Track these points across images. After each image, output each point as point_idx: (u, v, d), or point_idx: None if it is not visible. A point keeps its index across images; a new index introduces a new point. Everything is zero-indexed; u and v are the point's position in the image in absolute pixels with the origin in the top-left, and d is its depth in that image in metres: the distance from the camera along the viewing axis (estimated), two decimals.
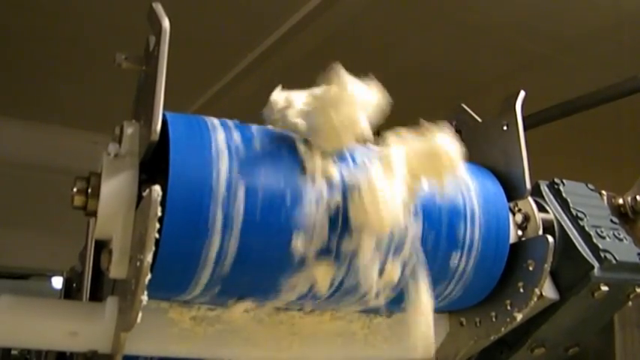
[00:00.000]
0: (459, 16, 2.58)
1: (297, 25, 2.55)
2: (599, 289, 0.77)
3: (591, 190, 0.87)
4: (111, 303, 0.68)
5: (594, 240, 0.78)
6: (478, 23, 2.62)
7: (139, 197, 0.62)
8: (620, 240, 0.80)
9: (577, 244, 0.78)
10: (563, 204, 0.83)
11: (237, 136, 0.65)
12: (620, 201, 0.87)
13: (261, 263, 0.64)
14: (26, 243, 3.77)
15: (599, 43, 2.71)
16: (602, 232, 0.80)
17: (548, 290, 0.77)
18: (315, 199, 0.65)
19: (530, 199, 0.79)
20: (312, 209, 0.64)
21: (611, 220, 0.83)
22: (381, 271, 0.69)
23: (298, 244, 0.64)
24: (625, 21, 2.55)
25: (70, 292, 1.36)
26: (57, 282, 3.74)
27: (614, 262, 0.76)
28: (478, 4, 2.50)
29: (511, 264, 0.76)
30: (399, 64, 2.91)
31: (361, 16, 2.55)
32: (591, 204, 0.84)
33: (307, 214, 0.64)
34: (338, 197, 0.66)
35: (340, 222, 0.66)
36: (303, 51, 2.72)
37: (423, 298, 0.70)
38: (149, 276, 0.56)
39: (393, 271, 0.69)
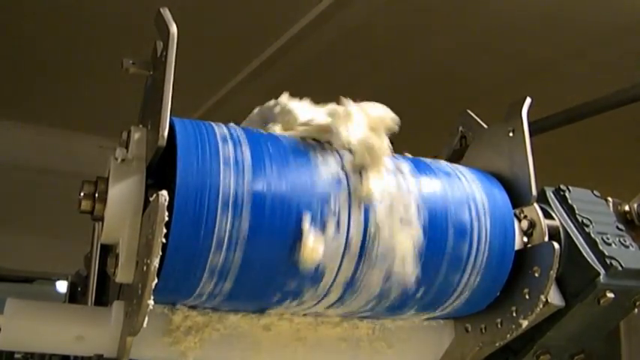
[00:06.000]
0: (465, 21, 2.58)
1: (305, 28, 2.55)
2: (605, 295, 0.76)
3: (597, 196, 0.87)
4: (117, 307, 0.68)
5: (600, 247, 0.78)
6: (485, 29, 2.62)
7: (146, 202, 0.62)
8: (626, 247, 0.80)
9: (583, 250, 0.78)
10: (569, 210, 0.82)
11: (244, 141, 0.65)
12: (626, 208, 0.86)
13: (267, 268, 0.64)
14: (31, 246, 3.77)
15: (604, 49, 2.71)
16: (608, 238, 0.80)
17: (553, 297, 0.76)
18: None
19: (536, 205, 0.79)
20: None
21: (617, 227, 0.83)
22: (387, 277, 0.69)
23: (305, 250, 0.64)
24: (629, 28, 2.55)
25: (74, 296, 1.36)
26: (61, 286, 3.75)
27: (620, 268, 0.76)
28: (485, 11, 2.50)
29: (517, 270, 0.76)
30: (406, 70, 2.91)
31: (369, 21, 2.55)
32: (597, 211, 0.84)
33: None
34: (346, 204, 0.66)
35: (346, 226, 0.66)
36: (310, 55, 2.73)
37: None
38: (156, 280, 0.56)
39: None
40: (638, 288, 0.79)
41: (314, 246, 0.64)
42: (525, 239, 0.79)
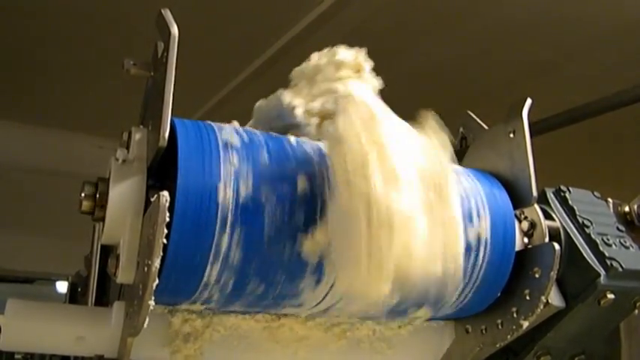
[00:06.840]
0: (466, 22, 2.58)
1: (306, 29, 2.55)
2: (606, 297, 0.77)
3: (597, 197, 0.87)
4: (118, 308, 0.68)
5: (600, 248, 0.78)
6: (485, 30, 2.62)
7: (147, 202, 0.62)
8: (627, 248, 0.80)
9: (583, 251, 0.78)
10: (570, 211, 0.82)
11: (245, 142, 0.65)
12: (627, 209, 0.86)
13: (269, 270, 0.64)
14: (31, 247, 3.77)
15: (605, 50, 2.71)
16: (608, 239, 0.80)
17: (554, 298, 0.76)
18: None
19: (536, 206, 0.79)
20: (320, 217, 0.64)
21: (618, 228, 0.83)
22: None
23: (306, 252, 0.64)
24: (629, 28, 2.55)
25: (74, 296, 1.36)
26: (61, 286, 3.75)
27: (620, 269, 0.76)
28: (485, 12, 2.50)
29: (517, 271, 0.76)
30: (406, 71, 2.91)
31: (370, 22, 2.55)
32: (597, 211, 0.84)
33: (317, 222, 0.64)
34: None
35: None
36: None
37: None
38: (157, 281, 0.56)
39: None
40: (638, 289, 0.79)
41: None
42: (526, 240, 0.79)
